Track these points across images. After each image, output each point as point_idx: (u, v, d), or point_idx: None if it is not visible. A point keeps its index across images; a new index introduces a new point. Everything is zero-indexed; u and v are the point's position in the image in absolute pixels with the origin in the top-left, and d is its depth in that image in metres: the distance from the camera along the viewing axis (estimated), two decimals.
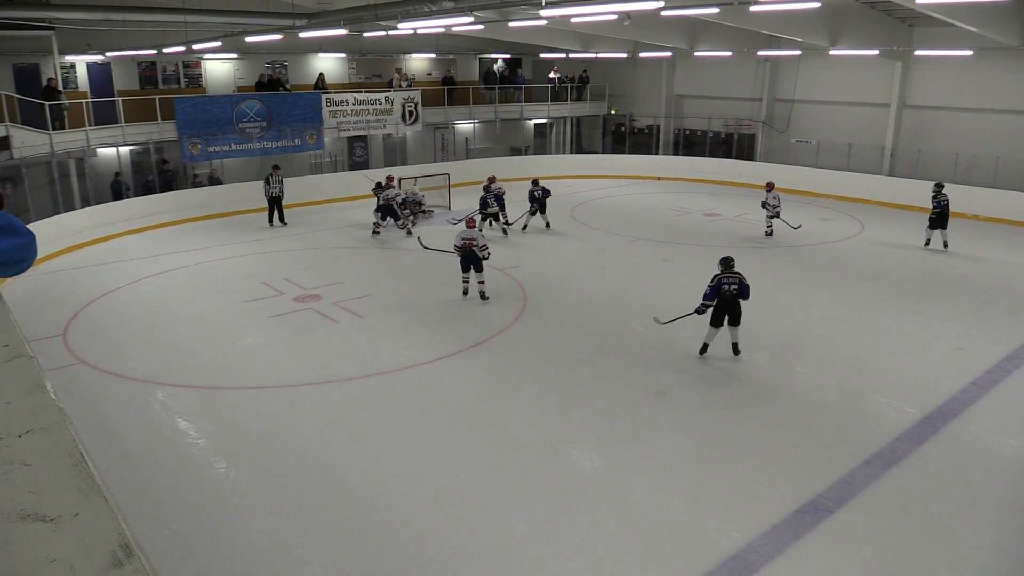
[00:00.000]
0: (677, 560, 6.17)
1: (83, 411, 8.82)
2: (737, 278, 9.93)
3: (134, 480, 7.40)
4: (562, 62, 29.40)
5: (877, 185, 21.93)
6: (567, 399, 9.16)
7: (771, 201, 17.09)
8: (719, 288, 9.93)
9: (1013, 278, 14.44)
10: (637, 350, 10.95)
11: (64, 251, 16.27)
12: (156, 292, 13.68)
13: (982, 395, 9.32)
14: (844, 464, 7.63)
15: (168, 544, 6.35)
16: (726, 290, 9.89)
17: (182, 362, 10.46)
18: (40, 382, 1.95)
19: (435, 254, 14.94)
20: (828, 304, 12.82)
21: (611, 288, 13.81)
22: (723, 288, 9.91)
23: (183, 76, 22.68)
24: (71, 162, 18.37)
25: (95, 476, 1.51)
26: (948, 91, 21.25)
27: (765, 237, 17.32)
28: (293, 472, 7.57)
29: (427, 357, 10.50)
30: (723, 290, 9.90)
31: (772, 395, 9.38)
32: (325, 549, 6.34)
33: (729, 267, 10.03)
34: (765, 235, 17.42)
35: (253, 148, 21.30)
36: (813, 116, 24.47)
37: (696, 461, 7.79)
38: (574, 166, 27.33)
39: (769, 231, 17.44)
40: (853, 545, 6.37)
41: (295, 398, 9.28)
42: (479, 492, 7.12)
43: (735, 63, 25.90)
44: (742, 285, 9.92)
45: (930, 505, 6.99)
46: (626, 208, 21.67)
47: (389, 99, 23.93)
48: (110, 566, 1.26)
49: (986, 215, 19.58)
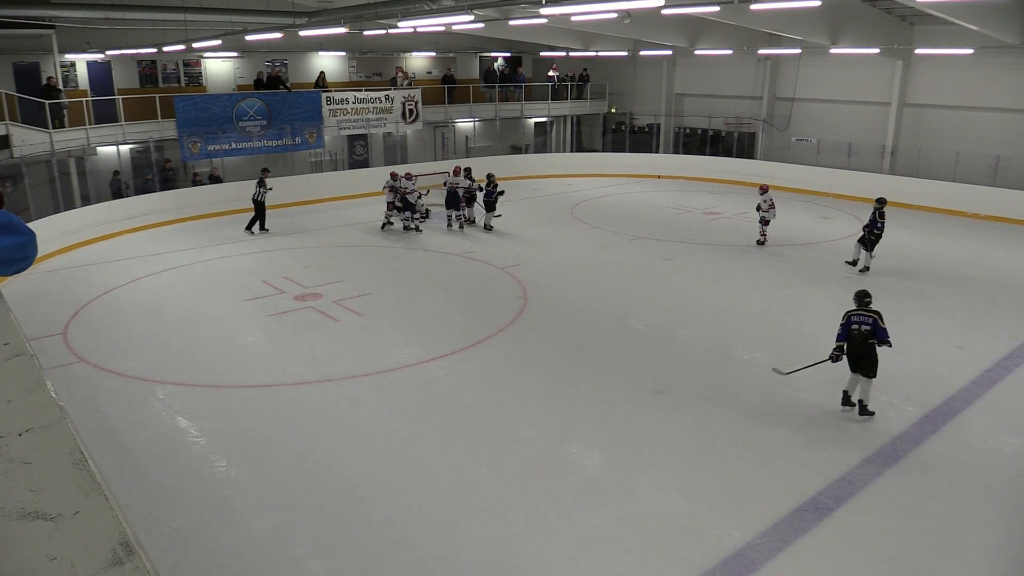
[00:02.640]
0: (677, 558, 6.17)
1: (84, 410, 8.83)
2: (872, 317, 8.48)
3: (134, 478, 7.40)
4: (562, 60, 29.39)
5: (878, 184, 21.89)
6: (567, 397, 9.16)
7: (763, 205, 16.60)
8: (848, 327, 8.59)
9: (1013, 277, 14.44)
10: (637, 348, 10.96)
11: (64, 250, 16.27)
12: (156, 291, 13.68)
13: (982, 393, 9.33)
14: (844, 462, 7.63)
15: (168, 542, 6.35)
16: (856, 331, 8.50)
17: (182, 360, 10.46)
18: (40, 381, 1.96)
19: (435, 255, 14.92)
20: (828, 303, 12.80)
21: (611, 286, 13.81)
22: (852, 328, 8.54)
23: (183, 74, 22.67)
24: (71, 160, 18.37)
25: (95, 474, 1.51)
26: (949, 89, 21.24)
27: (757, 246, 16.80)
28: (293, 470, 7.57)
29: (427, 356, 10.50)
30: (852, 330, 8.53)
31: (772, 393, 9.37)
32: (325, 547, 6.34)
33: (863, 302, 8.67)
34: (757, 243, 16.83)
35: (253, 146, 21.30)
36: (813, 114, 24.46)
37: (696, 459, 7.79)
38: (574, 165, 27.33)
39: (761, 240, 16.85)
40: (853, 543, 6.38)
41: (295, 396, 9.28)
42: (479, 490, 7.12)
43: (735, 61, 25.89)
44: (876, 327, 8.43)
45: (930, 503, 7.00)
46: (626, 207, 21.66)
47: (389, 97, 23.92)
48: (110, 564, 1.26)
49: (987, 214, 19.58)
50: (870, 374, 8.52)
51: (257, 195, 17.82)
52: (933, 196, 20.64)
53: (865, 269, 14.49)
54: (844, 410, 8.77)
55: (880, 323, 8.41)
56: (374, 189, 22.36)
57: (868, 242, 14.45)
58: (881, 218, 14.25)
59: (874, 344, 8.46)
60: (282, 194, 21.10)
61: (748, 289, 13.57)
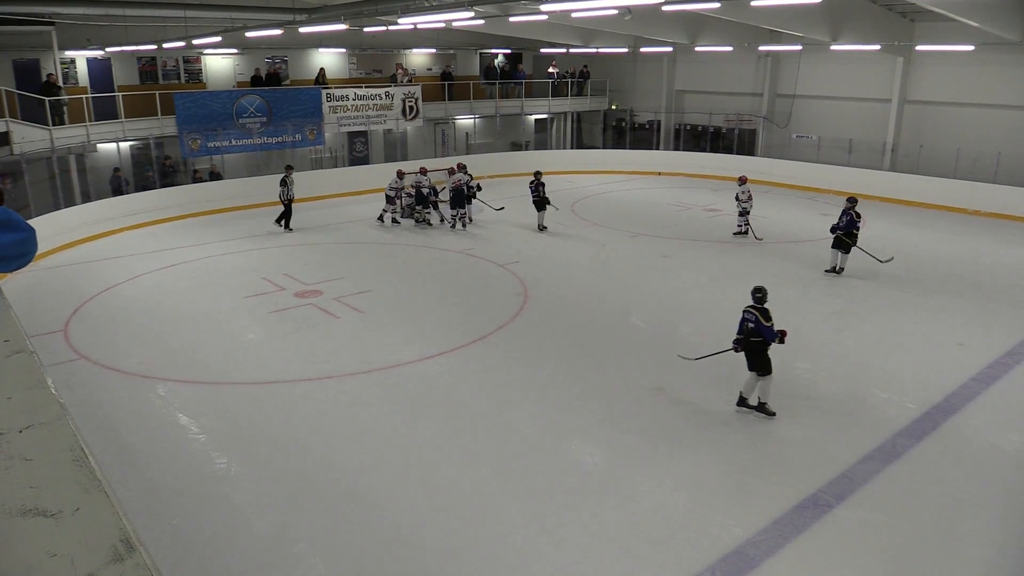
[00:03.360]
0: (677, 555, 6.18)
1: (84, 407, 8.83)
2: (754, 314, 8.19)
3: (135, 476, 7.41)
4: (563, 57, 29.35)
5: (878, 180, 21.90)
6: (568, 394, 9.16)
7: (742, 196, 16.79)
8: (742, 322, 8.40)
9: (1013, 274, 14.43)
10: (637, 345, 10.96)
11: (64, 247, 16.26)
12: (157, 288, 13.67)
13: (983, 390, 9.32)
14: (844, 460, 7.64)
15: (169, 539, 6.36)
16: (746, 327, 8.32)
17: (183, 357, 10.47)
18: (41, 378, 1.96)
19: (436, 252, 14.92)
20: (828, 300, 12.82)
21: (611, 283, 13.81)
22: (743, 322, 8.37)
23: (183, 71, 22.64)
24: (71, 157, 18.36)
25: (96, 471, 1.51)
26: (949, 86, 21.22)
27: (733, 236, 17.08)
28: (294, 468, 7.58)
29: (427, 353, 10.50)
30: (744, 325, 8.35)
31: (772, 390, 9.36)
32: (326, 544, 6.35)
33: (754, 298, 8.35)
34: (733, 234, 17.13)
35: (253, 143, 21.29)
36: (814, 111, 24.43)
37: (696, 456, 7.79)
38: (575, 161, 27.30)
39: (741, 229, 17.08)
40: (853, 540, 6.38)
41: (295, 394, 9.29)
42: (480, 487, 7.12)
43: (736, 58, 25.85)
44: (760, 324, 8.09)
45: (930, 500, 7.00)
46: (626, 203, 21.65)
47: (389, 94, 23.90)
48: (111, 561, 1.26)
49: (987, 210, 19.56)
50: (762, 372, 8.29)
51: (282, 195, 17.66)
52: (933, 193, 20.62)
53: (841, 270, 14.05)
54: (738, 411, 8.58)
55: (763, 321, 8.06)
56: (374, 186, 22.38)
57: (843, 242, 13.81)
58: (858, 217, 13.72)
59: (762, 342, 8.15)
60: None
61: (748, 286, 13.45)
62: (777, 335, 8.11)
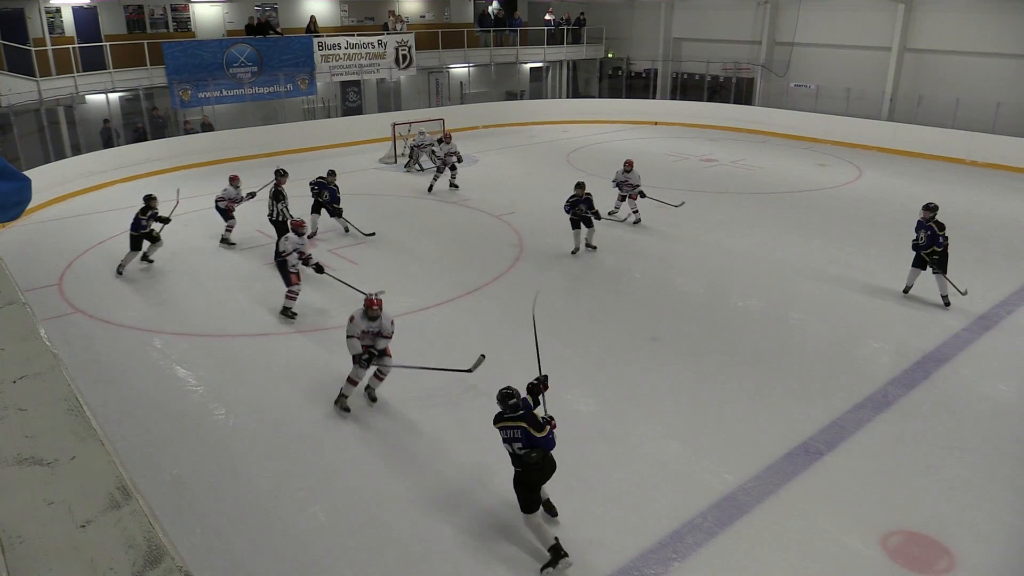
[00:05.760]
0: (670, 501, 6.29)
1: (81, 359, 8.86)
2: (519, 428, 5.57)
3: (134, 427, 7.47)
4: (559, 4, 28.79)
5: (876, 130, 21.72)
6: (563, 344, 9.20)
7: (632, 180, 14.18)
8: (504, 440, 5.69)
9: (1009, 225, 14.42)
10: (632, 296, 10.99)
11: (56, 200, 16.11)
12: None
13: (974, 340, 9.40)
14: (836, 408, 7.73)
15: (169, 489, 6.45)
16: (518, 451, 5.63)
17: (179, 310, 10.48)
18: (34, 328, 1.96)
19: (431, 203, 14.79)
20: (823, 250, 12.81)
21: (606, 234, 13.76)
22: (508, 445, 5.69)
23: (171, 20, 22.15)
24: (60, 109, 18.08)
25: (91, 420, 1.52)
26: (950, 34, 20.89)
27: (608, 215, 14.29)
28: (292, 418, 7.65)
29: (423, 304, 10.52)
30: (516, 450, 5.63)
31: (766, 340, 9.44)
32: (325, 492, 6.45)
33: (507, 405, 5.64)
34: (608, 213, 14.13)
35: (244, 93, 20.96)
36: (813, 60, 24.09)
37: (690, 405, 7.88)
38: (570, 111, 26.97)
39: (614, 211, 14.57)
40: (843, 487, 6.50)
41: (292, 345, 9.33)
42: (475, 435, 7.20)
43: (735, 5, 25.39)
44: (531, 439, 5.52)
45: (920, 448, 7.11)
46: (622, 154, 21.26)
47: (382, 43, 23.46)
48: (108, 508, 1.28)
49: (984, 161, 19.45)
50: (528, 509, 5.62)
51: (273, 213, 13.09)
52: (931, 143, 20.45)
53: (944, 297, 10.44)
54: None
55: (534, 433, 5.48)
56: (368, 136, 22.15)
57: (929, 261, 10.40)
58: (941, 230, 10.26)
59: (547, 454, 5.60)
60: (275, 142, 20.90)
61: (743, 237, 13.54)
62: (547, 427, 5.64)
